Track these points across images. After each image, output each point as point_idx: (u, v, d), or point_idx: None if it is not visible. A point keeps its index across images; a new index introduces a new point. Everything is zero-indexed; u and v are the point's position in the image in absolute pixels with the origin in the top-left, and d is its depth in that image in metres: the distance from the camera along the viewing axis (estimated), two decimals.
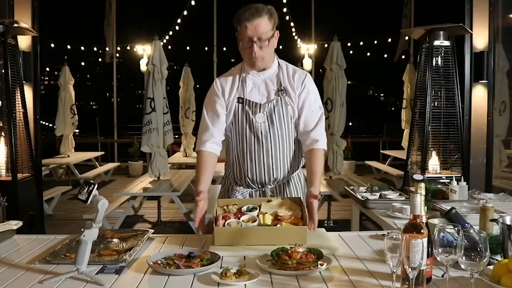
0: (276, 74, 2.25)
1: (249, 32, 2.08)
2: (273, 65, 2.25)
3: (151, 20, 15.30)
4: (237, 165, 2.27)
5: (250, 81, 2.24)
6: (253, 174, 2.23)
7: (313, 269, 1.63)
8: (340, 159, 6.38)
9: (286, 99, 2.21)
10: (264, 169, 2.22)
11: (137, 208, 6.84)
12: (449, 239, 1.40)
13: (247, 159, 2.22)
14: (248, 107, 2.20)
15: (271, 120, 2.19)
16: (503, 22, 4.82)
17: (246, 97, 2.22)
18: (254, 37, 2.08)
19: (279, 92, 2.22)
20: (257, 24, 2.07)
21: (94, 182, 1.65)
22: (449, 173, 4.35)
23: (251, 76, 2.24)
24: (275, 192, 2.29)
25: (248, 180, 2.25)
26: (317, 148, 2.20)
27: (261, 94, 2.22)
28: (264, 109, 2.19)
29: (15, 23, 4.22)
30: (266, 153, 2.20)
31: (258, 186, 2.28)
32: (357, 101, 17.82)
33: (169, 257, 1.72)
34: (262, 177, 2.23)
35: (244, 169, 2.24)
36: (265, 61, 2.19)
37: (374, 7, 16.34)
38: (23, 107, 4.34)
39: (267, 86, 2.23)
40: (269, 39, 2.12)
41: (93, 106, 25.02)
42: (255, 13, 2.08)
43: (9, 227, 2.05)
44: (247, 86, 2.23)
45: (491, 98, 4.74)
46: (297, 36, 12.35)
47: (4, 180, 4.15)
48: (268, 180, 2.25)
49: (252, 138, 2.20)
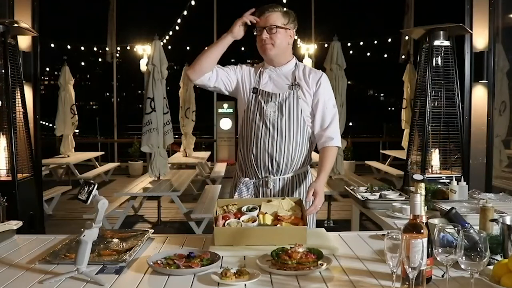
0: (292, 72, 2.40)
1: (261, 22, 2.31)
2: (290, 63, 2.41)
3: (151, 20, 15.32)
4: (245, 152, 2.37)
5: (266, 74, 2.40)
6: (258, 159, 2.32)
7: (313, 269, 1.63)
8: (340, 159, 6.38)
9: (298, 93, 2.34)
10: (267, 156, 2.31)
11: (137, 208, 6.84)
12: (449, 239, 1.40)
13: (253, 144, 2.33)
14: (261, 96, 2.35)
15: (281, 111, 2.31)
16: (503, 22, 4.82)
17: (260, 87, 2.37)
18: (265, 25, 2.29)
19: (292, 86, 2.35)
20: (268, 15, 2.30)
21: (94, 182, 1.65)
22: (449, 173, 4.35)
23: (268, 70, 2.41)
24: (277, 184, 2.34)
25: (253, 165, 2.33)
26: (331, 146, 2.35)
27: (275, 86, 2.37)
28: (276, 99, 2.32)
29: (15, 23, 4.22)
30: (271, 140, 2.30)
31: (262, 175, 2.35)
32: (357, 101, 17.82)
33: (169, 257, 1.72)
34: (266, 164, 2.32)
35: (250, 154, 2.34)
36: (276, 51, 2.33)
37: (374, 7, 16.34)
38: (23, 107, 4.34)
39: (282, 80, 2.38)
40: (279, 28, 2.29)
41: (93, 106, 25.02)
42: (269, 8, 2.32)
43: (9, 227, 2.05)
44: (263, 79, 2.39)
45: (491, 98, 4.74)
46: (297, 36, 12.33)
47: (4, 180, 4.14)
48: (272, 169, 2.32)
49: (261, 125, 2.32)
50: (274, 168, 2.33)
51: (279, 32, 2.29)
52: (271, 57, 2.35)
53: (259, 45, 2.35)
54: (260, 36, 2.31)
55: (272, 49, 2.31)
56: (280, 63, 2.39)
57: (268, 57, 2.36)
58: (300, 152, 2.34)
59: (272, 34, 2.29)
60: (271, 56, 2.35)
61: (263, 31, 2.29)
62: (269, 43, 2.30)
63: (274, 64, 2.39)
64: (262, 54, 2.37)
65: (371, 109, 22.54)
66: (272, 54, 2.33)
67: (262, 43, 2.32)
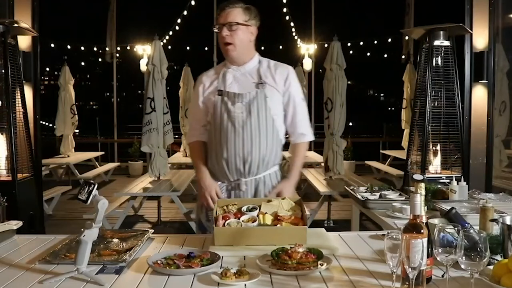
0: (256, 69, 2.35)
1: (221, 19, 2.26)
2: (253, 60, 2.36)
3: (151, 20, 15.30)
4: (215, 156, 2.32)
5: (230, 75, 2.35)
6: (229, 162, 2.28)
7: (313, 269, 1.63)
8: (340, 159, 6.37)
9: (266, 92, 2.28)
10: (239, 158, 2.27)
11: (137, 208, 6.84)
12: (449, 239, 1.40)
13: (224, 148, 2.28)
14: (227, 98, 2.29)
15: (249, 111, 2.26)
16: (503, 22, 4.82)
17: (226, 89, 2.31)
18: (225, 22, 2.25)
19: (258, 85, 2.29)
20: (229, 12, 2.26)
21: (94, 182, 1.65)
22: (449, 173, 4.35)
23: (232, 70, 2.35)
24: (250, 186, 2.32)
25: (224, 168, 2.30)
26: (303, 142, 2.41)
27: (241, 86, 2.31)
28: (243, 99, 2.27)
29: (15, 23, 4.21)
30: (242, 142, 2.26)
31: (234, 178, 2.31)
32: (357, 101, 17.84)
33: (169, 257, 1.72)
34: (238, 166, 2.28)
35: (220, 158, 2.30)
36: (238, 51, 2.29)
37: (374, 7, 16.34)
38: (23, 107, 4.33)
39: (247, 80, 2.33)
40: (240, 25, 2.25)
41: (93, 106, 25.03)
42: (229, 4, 2.28)
43: (9, 227, 2.05)
44: (227, 80, 2.33)
45: (491, 98, 4.73)
46: (297, 36, 12.34)
47: (4, 180, 4.14)
48: (243, 170, 2.29)
49: (229, 127, 2.27)
50: (246, 170, 2.29)
51: (240, 29, 2.25)
52: (233, 58, 2.32)
53: (221, 44, 2.30)
54: (221, 33, 2.26)
55: (234, 50, 2.28)
56: (243, 62, 2.34)
57: (230, 58, 2.33)
58: (271, 151, 2.31)
59: (232, 31, 2.24)
60: (233, 57, 2.32)
61: (223, 28, 2.25)
62: (230, 43, 2.26)
63: (237, 63, 2.34)
64: (224, 55, 2.34)
65: (371, 109, 22.55)
66: (234, 55, 2.30)
67: (222, 41, 2.28)
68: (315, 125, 12.37)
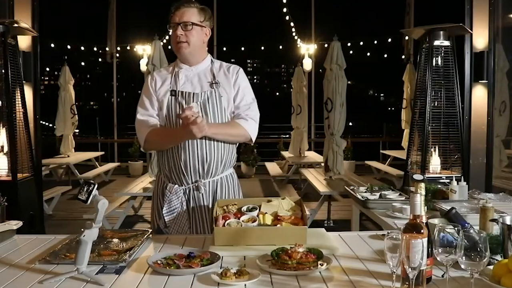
0: (209, 69, 2.33)
1: (176, 18, 2.23)
2: (205, 60, 2.34)
3: (151, 20, 15.28)
4: (171, 159, 2.25)
5: (183, 75, 2.32)
6: (187, 165, 2.22)
7: (313, 269, 1.63)
8: (340, 159, 6.37)
9: (220, 91, 2.26)
10: (198, 159, 2.21)
11: (137, 208, 6.83)
12: (449, 239, 1.40)
13: (181, 149, 2.21)
14: (181, 98, 2.24)
15: (205, 110, 2.22)
16: (503, 22, 4.82)
17: (179, 89, 2.27)
18: (179, 21, 2.22)
19: (213, 84, 2.27)
20: (184, 11, 2.23)
21: (94, 182, 1.65)
22: (449, 173, 4.34)
23: (184, 70, 2.32)
24: (208, 188, 2.27)
25: (183, 172, 2.24)
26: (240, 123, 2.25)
27: (194, 86, 2.28)
28: (198, 98, 2.23)
29: (15, 23, 4.21)
30: (200, 143, 2.20)
31: (192, 181, 2.26)
32: (357, 101, 17.86)
33: (169, 257, 1.72)
34: (196, 168, 2.22)
35: (178, 161, 2.23)
36: (191, 50, 2.26)
37: (374, 7, 16.35)
38: (23, 107, 4.33)
39: (200, 79, 2.30)
40: (195, 25, 2.22)
41: (93, 106, 25.04)
42: (184, 3, 2.25)
43: (9, 227, 2.05)
44: (180, 80, 2.29)
45: (491, 98, 4.73)
46: (297, 36, 12.34)
47: (4, 180, 4.14)
48: (202, 172, 2.24)
49: None
50: (205, 171, 2.24)
51: (194, 29, 2.23)
52: (185, 55, 2.28)
53: (173, 43, 2.27)
54: (175, 32, 2.22)
55: (187, 48, 2.24)
56: (195, 62, 2.31)
57: (182, 55, 2.29)
58: (229, 151, 2.29)
59: (187, 31, 2.22)
60: (185, 55, 2.28)
61: (177, 27, 2.21)
62: (184, 41, 2.22)
63: (189, 63, 2.31)
64: (176, 53, 2.30)
65: (371, 109, 22.57)
66: (187, 52, 2.26)
67: (175, 40, 2.24)
68: (315, 125, 12.42)
